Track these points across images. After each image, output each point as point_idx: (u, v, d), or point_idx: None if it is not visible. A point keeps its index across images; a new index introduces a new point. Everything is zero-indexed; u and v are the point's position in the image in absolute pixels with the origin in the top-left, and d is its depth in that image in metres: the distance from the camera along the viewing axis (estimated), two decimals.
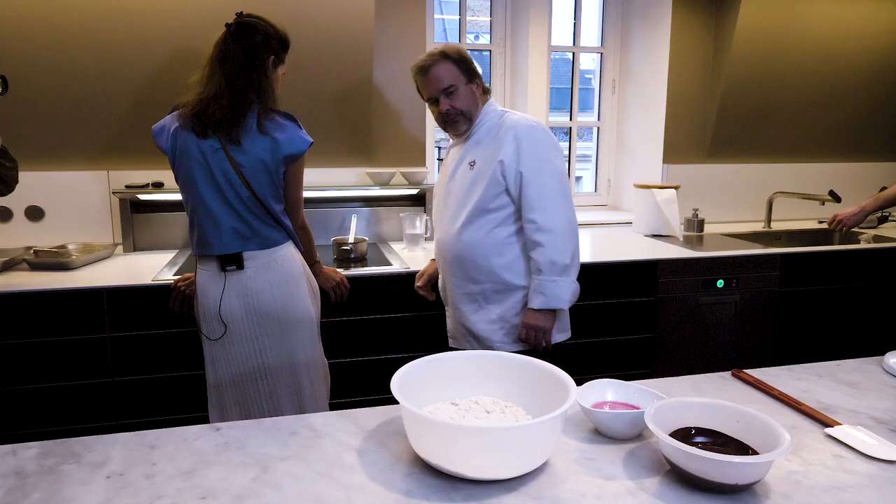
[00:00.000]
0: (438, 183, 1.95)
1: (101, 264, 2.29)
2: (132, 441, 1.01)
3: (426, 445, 0.91)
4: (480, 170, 1.78)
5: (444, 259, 1.87)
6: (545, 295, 1.72)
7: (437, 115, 1.82)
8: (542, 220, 1.71)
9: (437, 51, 1.80)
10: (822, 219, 3.34)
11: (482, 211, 1.78)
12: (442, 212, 1.89)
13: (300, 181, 1.74)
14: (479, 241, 1.79)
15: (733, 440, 0.93)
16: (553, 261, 1.71)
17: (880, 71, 3.24)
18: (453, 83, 1.77)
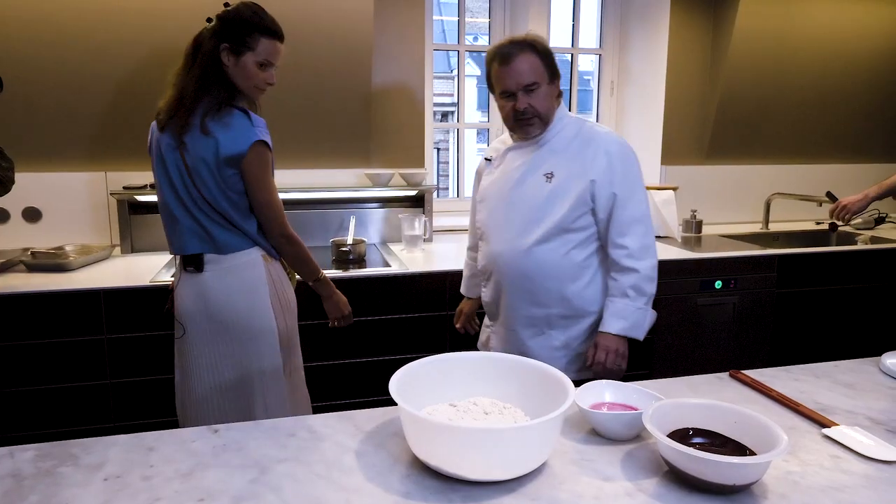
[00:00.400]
0: (490, 186, 1.72)
1: (98, 266, 2.29)
2: (130, 443, 1.00)
3: (424, 447, 0.91)
4: (562, 185, 1.60)
5: (504, 275, 1.66)
6: (627, 321, 1.58)
7: (510, 111, 1.60)
8: (633, 246, 1.58)
9: (522, 39, 1.60)
10: (820, 220, 3.35)
11: (562, 230, 1.60)
12: (501, 222, 1.67)
13: (262, 183, 1.56)
14: (554, 263, 1.61)
15: (731, 441, 0.93)
16: (642, 288, 1.59)
17: (877, 73, 3.25)
18: (537, 80, 1.57)
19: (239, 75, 1.54)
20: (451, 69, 7.79)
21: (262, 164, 1.55)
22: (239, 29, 1.52)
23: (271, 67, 1.59)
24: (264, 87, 1.59)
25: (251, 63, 1.54)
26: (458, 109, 3.30)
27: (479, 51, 3.27)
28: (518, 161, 1.68)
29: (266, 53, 1.55)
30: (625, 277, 1.59)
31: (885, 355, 1.35)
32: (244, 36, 1.52)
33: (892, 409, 1.14)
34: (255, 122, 1.55)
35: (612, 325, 1.59)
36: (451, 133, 8.03)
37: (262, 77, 1.56)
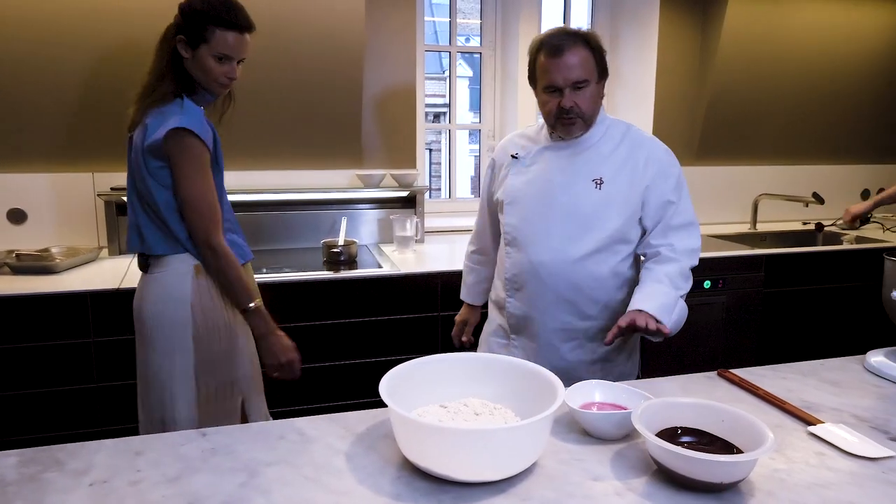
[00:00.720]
0: (525, 187, 1.56)
1: (85, 268, 2.27)
2: (116, 447, 1.00)
3: (415, 448, 0.91)
4: (614, 192, 1.49)
5: (547, 287, 1.51)
6: (656, 301, 1.40)
7: (553, 108, 1.46)
8: (679, 246, 1.49)
9: (575, 31, 1.47)
10: (807, 220, 3.38)
11: (619, 241, 1.50)
12: (543, 228, 1.51)
13: (184, 177, 1.41)
14: (606, 276, 1.50)
15: (719, 439, 0.94)
16: (676, 281, 1.45)
17: (863, 75, 3.29)
18: (587, 77, 1.44)
19: (196, 69, 1.46)
20: (444, 70, 7.79)
21: (184, 155, 1.40)
22: (193, 20, 1.43)
23: (230, 61, 1.47)
24: (225, 81, 1.48)
25: (206, 56, 1.44)
26: (449, 110, 3.31)
27: (470, 52, 3.27)
28: (560, 163, 1.53)
29: (222, 46, 1.44)
30: (661, 266, 1.46)
31: (869, 353, 1.37)
32: (198, 28, 1.43)
33: (876, 406, 1.15)
34: (185, 108, 1.43)
35: (644, 303, 1.40)
36: (443, 134, 8.03)
37: (220, 71, 1.46)
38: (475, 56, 3.21)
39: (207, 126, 1.46)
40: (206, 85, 1.48)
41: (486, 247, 1.78)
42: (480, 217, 1.79)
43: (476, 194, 3.32)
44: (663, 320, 1.38)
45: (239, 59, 1.49)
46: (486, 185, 1.73)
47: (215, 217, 1.44)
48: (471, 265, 1.83)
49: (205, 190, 1.43)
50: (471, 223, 2.19)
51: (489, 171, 1.72)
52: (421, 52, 2.91)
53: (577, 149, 1.53)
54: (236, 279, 1.46)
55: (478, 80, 3.21)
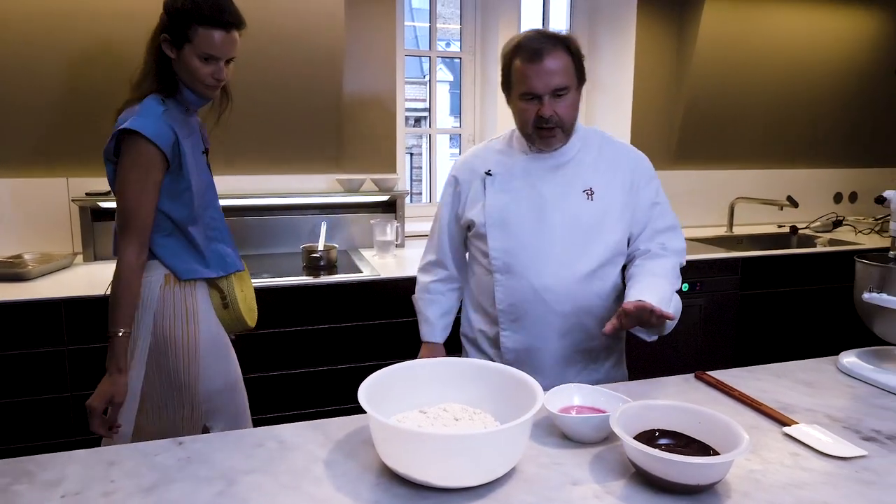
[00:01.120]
0: (511, 206, 1.43)
1: (59, 274, 2.22)
2: (89, 458, 0.98)
3: (394, 454, 0.91)
4: (608, 202, 1.42)
5: (554, 313, 1.40)
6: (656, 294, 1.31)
7: (531, 116, 1.36)
8: (671, 245, 1.46)
9: (554, 34, 1.37)
10: (782, 223, 3.43)
11: (619, 253, 1.45)
12: (541, 250, 1.40)
13: (121, 182, 1.35)
14: (608, 292, 1.44)
15: (696, 441, 0.95)
16: (678, 273, 1.43)
17: (835, 81, 3.36)
18: (567, 84, 1.35)
19: (182, 70, 1.40)
20: (424, 74, 7.80)
21: (125, 157, 1.35)
22: (177, 19, 1.36)
23: (216, 61, 1.39)
24: (211, 82, 1.41)
25: (191, 56, 1.37)
26: (430, 115, 3.31)
27: (450, 56, 3.28)
28: (547, 175, 1.43)
29: (206, 46, 1.36)
30: (654, 261, 1.41)
31: (842, 354, 1.39)
32: (182, 27, 1.36)
33: (849, 406, 1.18)
34: (142, 109, 1.36)
35: (642, 294, 1.30)
36: (423, 138, 8.04)
37: (205, 72, 1.39)
38: (455, 61, 3.22)
39: (167, 129, 1.37)
40: (192, 86, 1.41)
41: (451, 275, 1.60)
42: (438, 242, 1.59)
43: None
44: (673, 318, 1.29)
45: (227, 59, 1.42)
46: (448, 207, 1.55)
47: (131, 227, 1.35)
48: (431, 297, 1.60)
49: (132, 196, 1.35)
50: None
51: (449, 189, 1.56)
52: (401, 57, 2.92)
53: (560, 160, 1.44)
54: (116, 301, 1.34)
55: (458, 85, 3.21)
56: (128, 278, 1.36)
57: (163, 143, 1.36)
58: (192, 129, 1.49)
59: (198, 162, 1.49)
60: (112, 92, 2.39)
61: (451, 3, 3.56)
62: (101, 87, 2.38)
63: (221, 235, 1.55)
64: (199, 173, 1.49)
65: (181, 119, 1.44)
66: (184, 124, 1.44)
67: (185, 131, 1.44)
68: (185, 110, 1.47)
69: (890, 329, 1.29)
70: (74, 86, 2.36)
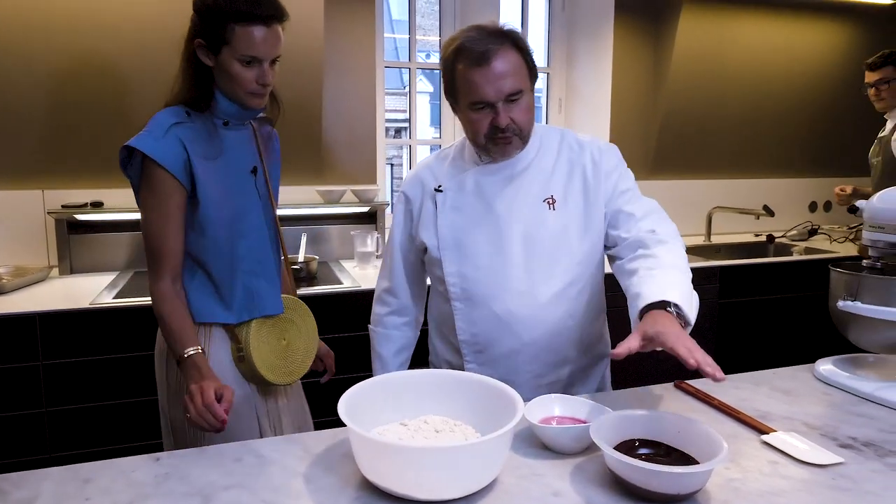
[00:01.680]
0: (465, 225, 1.30)
1: (34, 288, 2.18)
2: (64, 475, 0.96)
3: (374, 468, 0.90)
4: (571, 210, 1.28)
5: (520, 339, 1.27)
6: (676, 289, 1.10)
7: (485, 127, 1.22)
8: (662, 231, 1.24)
9: (497, 29, 1.20)
10: (759, 232, 3.49)
11: (591, 268, 1.30)
12: (503, 273, 1.26)
13: (141, 207, 1.23)
14: (582, 310, 1.29)
15: (675, 450, 0.96)
16: (679, 263, 1.18)
17: (806, 93, 3.44)
18: (520, 87, 1.19)
19: (222, 78, 1.22)
20: (404, 85, 7.83)
21: (141, 183, 1.22)
22: (208, 19, 1.18)
23: (260, 63, 1.21)
24: (256, 89, 1.22)
25: (230, 61, 1.19)
26: (410, 126, 3.32)
27: (430, 68, 3.30)
28: (500, 187, 1.29)
29: (246, 46, 1.17)
30: (655, 249, 1.18)
31: (818, 362, 1.41)
32: (216, 27, 1.17)
33: (826, 413, 1.19)
34: (149, 123, 1.22)
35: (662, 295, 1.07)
36: (403, 149, 8.05)
37: (248, 77, 1.20)
38: (435, 72, 3.24)
39: (174, 146, 1.20)
40: (235, 96, 1.23)
41: (404, 305, 1.44)
42: (390, 268, 1.43)
43: None
44: (689, 312, 1.08)
45: (272, 60, 1.23)
46: (400, 227, 1.39)
47: (157, 256, 1.23)
48: (386, 332, 1.45)
49: (153, 227, 1.22)
50: None
51: (400, 207, 1.39)
52: (381, 68, 2.92)
53: (514, 168, 1.29)
54: (167, 331, 1.23)
55: (438, 96, 3.23)
56: (169, 305, 1.23)
57: (168, 163, 1.20)
58: (224, 146, 1.28)
59: (232, 184, 1.28)
60: (89, 104, 2.37)
61: (430, 14, 3.59)
62: (77, 99, 2.36)
63: (261, 270, 1.32)
64: (229, 197, 1.27)
65: (204, 135, 1.25)
66: (207, 141, 1.25)
67: (206, 149, 1.24)
68: (222, 124, 1.28)
69: (864, 337, 1.31)
70: (50, 98, 2.33)
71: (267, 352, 1.32)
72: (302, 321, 1.42)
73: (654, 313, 1.06)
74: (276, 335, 1.35)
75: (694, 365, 0.97)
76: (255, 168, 1.34)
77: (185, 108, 1.24)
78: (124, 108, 2.40)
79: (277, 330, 1.36)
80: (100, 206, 2.42)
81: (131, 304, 1.98)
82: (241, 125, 1.32)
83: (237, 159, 1.31)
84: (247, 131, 1.35)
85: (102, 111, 2.39)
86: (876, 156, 2.73)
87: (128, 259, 2.50)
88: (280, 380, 1.34)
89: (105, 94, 2.37)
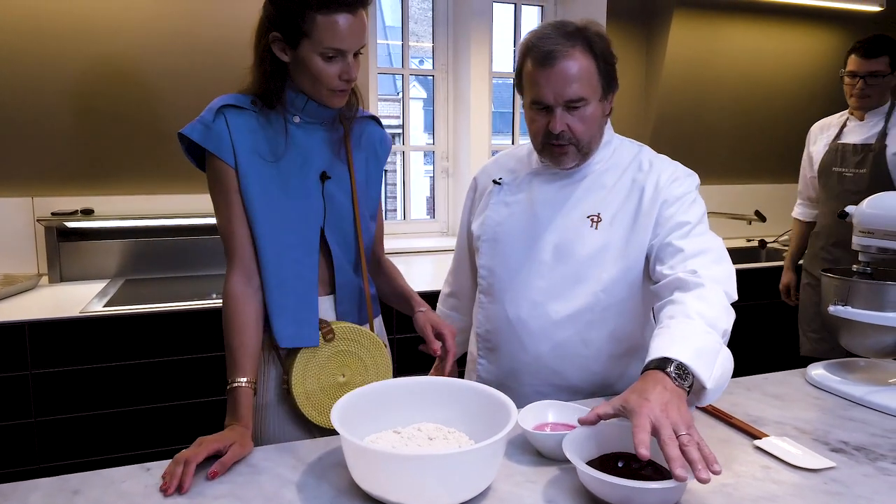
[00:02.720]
0: (507, 221, 1.28)
1: (23, 296, 2.16)
2: (53, 486, 0.94)
3: (367, 476, 0.89)
4: (613, 233, 1.20)
5: (525, 349, 1.24)
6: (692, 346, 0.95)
7: (540, 129, 1.17)
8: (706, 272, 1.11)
9: (575, 29, 1.14)
10: (751, 237, 3.51)
11: (620, 298, 1.21)
12: (523, 276, 1.23)
13: (214, 206, 1.16)
14: (596, 342, 1.21)
15: (652, 463, 0.92)
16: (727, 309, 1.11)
17: (797, 98, 3.47)
18: (584, 95, 1.13)
19: (301, 75, 1.10)
20: (397, 92, 7.85)
21: (207, 174, 1.15)
22: (284, 8, 1.06)
23: (345, 56, 1.08)
24: (340, 85, 1.11)
25: (311, 56, 1.07)
26: (403, 132, 3.32)
27: (424, 74, 3.30)
28: (549, 194, 1.25)
29: (330, 38, 1.05)
30: (685, 295, 1.06)
31: (810, 367, 1.42)
32: (294, 18, 1.05)
33: (817, 418, 1.20)
34: (207, 109, 1.13)
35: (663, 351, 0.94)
36: (397, 155, 8.06)
37: (331, 73, 1.08)
38: (429, 78, 3.25)
39: (219, 128, 1.10)
40: (315, 94, 1.12)
41: (464, 289, 1.46)
42: (458, 253, 1.46)
43: (432, 215, 3.34)
44: (701, 372, 0.92)
45: (356, 51, 1.11)
46: (465, 213, 1.41)
47: (226, 250, 1.15)
48: (445, 311, 1.50)
49: (220, 219, 1.15)
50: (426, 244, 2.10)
51: (469, 193, 1.41)
52: (374, 75, 2.93)
53: (573, 177, 1.24)
54: (225, 342, 1.12)
55: (431, 102, 3.24)
56: (231, 311, 1.12)
57: (217, 148, 1.11)
58: (290, 146, 1.16)
59: (290, 188, 1.16)
60: (79, 110, 2.36)
61: (423, 21, 3.60)
62: (66, 105, 2.35)
63: (303, 288, 1.17)
64: (280, 202, 1.15)
65: (268, 132, 1.14)
66: (268, 139, 1.14)
67: (264, 146, 1.14)
68: (293, 122, 1.17)
69: (855, 341, 1.32)
70: (39, 104, 2.31)
71: (315, 388, 1.17)
72: (369, 356, 1.23)
73: (645, 375, 0.92)
74: (330, 370, 1.19)
75: (645, 455, 0.80)
76: (323, 173, 1.19)
77: (253, 98, 1.14)
78: (115, 113, 2.39)
79: (334, 364, 1.19)
80: (90, 214, 2.40)
81: (122, 313, 1.97)
82: (319, 124, 1.19)
83: (304, 161, 1.17)
84: (325, 132, 1.20)
85: (92, 117, 2.38)
86: (853, 167, 2.26)
87: (119, 267, 2.49)
88: (329, 423, 1.06)
89: (95, 99, 2.36)
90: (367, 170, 1.27)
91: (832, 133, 2.41)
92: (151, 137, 2.43)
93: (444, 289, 1.53)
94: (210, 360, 2.04)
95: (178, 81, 2.39)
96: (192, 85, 2.38)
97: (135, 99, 2.38)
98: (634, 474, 0.90)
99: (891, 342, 1.26)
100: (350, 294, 1.25)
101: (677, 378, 0.91)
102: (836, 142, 2.38)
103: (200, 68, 2.37)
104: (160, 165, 2.46)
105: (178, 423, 2.04)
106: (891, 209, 1.29)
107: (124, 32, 2.30)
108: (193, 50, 2.38)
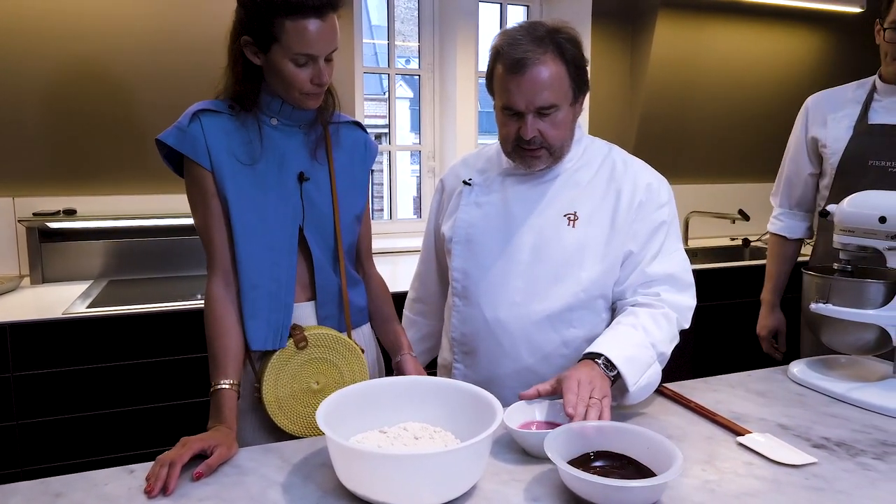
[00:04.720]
0: (480, 222, 1.27)
1: (5, 298, 2.13)
2: (34, 490, 0.93)
3: (352, 476, 0.89)
4: (591, 231, 1.21)
5: (504, 351, 1.23)
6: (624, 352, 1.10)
7: (511, 134, 1.18)
8: (668, 297, 1.21)
9: (544, 33, 1.13)
10: (735, 236, 3.54)
11: (597, 296, 1.22)
12: (499, 276, 1.22)
13: (189, 205, 1.18)
14: (582, 341, 1.21)
15: (633, 462, 0.94)
16: (672, 335, 1.21)
17: (781, 98, 3.50)
18: (556, 102, 1.14)
19: (274, 79, 1.11)
20: (384, 91, 7.83)
21: (186, 180, 1.16)
22: (255, 12, 1.05)
23: (316, 60, 1.08)
24: (312, 89, 1.11)
25: (282, 60, 1.07)
26: (390, 131, 3.31)
27: (410, 74, 3.30)
28: (524, 193, 1.24)
29: (299, 43, 1.05)
30: (640, 310, 1.18)
31: (792, 363, 1.44)
32: (264, 23, 1.04)
33: (799, 414, 1.21)
34: (183, 114, 1.13)
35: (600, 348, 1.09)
36: (383, 155, 8.04)
37: (302, 78, 1.08)
38: (415, 78, 3.24)
39: (198, 132, 1.11)
40: (288, 96, 1.12)
41: (431, 293, 1.44)
42: (424, 256, 1.44)
43: (418, 215, 3.33)
44: (627, 375, 1.07)
45: (327, 56, 1.10)
46: (433, 216, 1.40)
47: (206, 253, 1.16)
48: (412, 316, 1.48)
49: (199, 223, 1.16)
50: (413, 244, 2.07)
51: (437, 196, 1.40)
52: (360, 74, 2.92)
53: (546, 176, 1.24)
54: (207, 348, 1.12)
55: (417, 102, 3.23)
56: (212, 314, 1.12)
57: (192, 152, 1.11)
58: (268, 148, 1.16)
59: (268, 189, 1.16)
60: (61, 109, 2.33)
61: (409, 20, 3.60)
62: (48, 105, 2.32)
63: (278, 290, 1.16)
64: (262, 200, 1.15)
65: (243, 135, 1.14)
66: (245, 142, 1.14)
67: (240, 149, 1.14)
68: (269, 120, 1.17)
69: (835, 338, 1.34)
70: (19, 103, 2.28)
71: (286, 395, 1.16)
72: (345, 363, 1.20)
73: (579, 363, 1.10)
74: (304, 377, 1.17)
75: (570, 413, 0.98)
76: (301, 174, 1.18)
77: (230, 102, 1.15)
78: (98, 113, 2.36)
79: (308, 372, 1.18)
80: (73, 214, 2.37)
81: (105, 314, 1.95)
82: (297, 127, 1.20)
83: (282, 163, 1.17)
84: (304, 134, 1.20)
85: (75, 116, 2.35)
86: None
87: (102, 268, 2.46)
88: (302, 431, 1.17)
89: (77, 99, 2.33)
90: (350, 172, 1.26)
91: (853, 112, 1.69)
92: (134, 137, 2.40)
93: (411, 293, 1.50)
94: (194, 362, 2.02)
95: (160, 82, 2.37)
96: (174, 85, 2.36)
97: (117, 99, 2.35)
98: (615, 473, 0.91)
99: (871, 339, 1.28)
100: (331, 297, 1.24)
101: (605, 368, 1.08)
102: (866, 122, 1.66)
103: (182, 68, 2.35)
104: (143, 165, 2.43)
105: (162, 424, 2.02)
106: (871, 208, 1.31)
107: (105, 32, 2.27)
108: (175, 50, 2.36)
